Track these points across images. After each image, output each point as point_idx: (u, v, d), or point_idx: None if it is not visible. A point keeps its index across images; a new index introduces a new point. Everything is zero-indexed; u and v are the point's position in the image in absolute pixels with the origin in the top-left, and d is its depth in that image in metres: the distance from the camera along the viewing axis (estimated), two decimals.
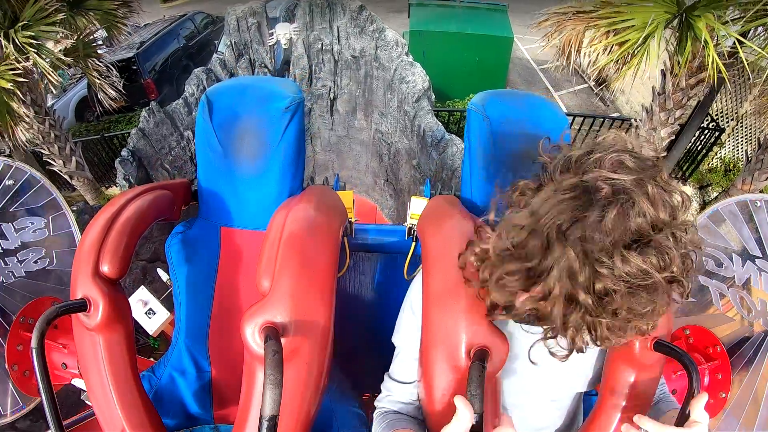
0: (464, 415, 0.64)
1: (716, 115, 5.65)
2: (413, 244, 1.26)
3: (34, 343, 0.78)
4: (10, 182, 1.56)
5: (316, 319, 0.83)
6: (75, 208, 3.23)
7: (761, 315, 1.34)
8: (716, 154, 5.79)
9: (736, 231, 1.42)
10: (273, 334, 0.73)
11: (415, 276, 0.91)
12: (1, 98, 3.67)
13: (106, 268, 0.90)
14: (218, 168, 1.14)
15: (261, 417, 0.65)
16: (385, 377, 0.95)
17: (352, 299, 1.49)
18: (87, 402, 0.98)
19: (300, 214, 0.94)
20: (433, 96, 4.03)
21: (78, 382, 1.30)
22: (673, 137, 4.10)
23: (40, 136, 4.47)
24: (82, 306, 0.87)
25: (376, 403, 0.95)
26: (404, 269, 1.28)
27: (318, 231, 0.93)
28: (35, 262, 1.57)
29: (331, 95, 4.46)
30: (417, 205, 1.25)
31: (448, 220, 0.91)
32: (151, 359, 2.02)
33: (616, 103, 7.70)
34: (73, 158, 4.80)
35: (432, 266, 0.83)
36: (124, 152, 3.55)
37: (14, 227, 1.56)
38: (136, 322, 1.43)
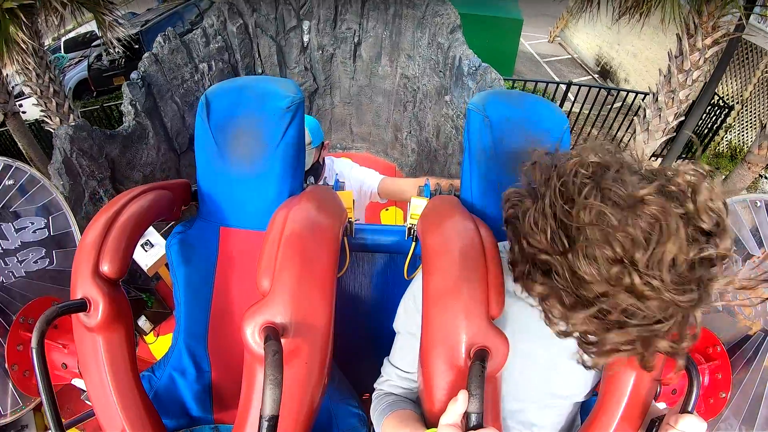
0: (460, 403, 0.66)
1: (723, 97, 5.79)
2: (413, 244, 1.26)
3: (34, 343, 0.78)
4: (10, 182, 1.56)
5: (316, 319, 0.83)
6: (73, 124, 2.81)
7: (761, 315, 1.34)
8: (723, 138, 5.92)
9: (735, 231, 1.42)
10: (273, 334, 0.73)
11: (416, 275, 0.91)
12: (3, 23, 3.47)
13: (106, 268, 0.90)
14: (217, 168, 1.14)
15: (261, 417, 0.65)
16: (385, 361, 0.96)
17: (352, 299, 1.49)
18: (87, 402, 0.98)
19: (300, 214, 0.94)
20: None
21: (78, 382, 1.30)
22: (682, 118, 4.24)
23: (39, 90, 4.32)
24: (82, 306, 0.87)
25: (375, 386, 0.95)
26: (404, 269, 1.29)
27: (318, 231, 0.93)
28: (35, 262, 1.57)
29: (356, 39, 4.23)
30: (417, 205, 1.25)
31: (448, 220, 0.91)
32: (143, 336, 1.90)
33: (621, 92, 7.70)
34: (71, 116, 4.63)
35: (432, 266, 0.83)
36: (133, 75, 3.16)
37: (14, 227, 1.55)
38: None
